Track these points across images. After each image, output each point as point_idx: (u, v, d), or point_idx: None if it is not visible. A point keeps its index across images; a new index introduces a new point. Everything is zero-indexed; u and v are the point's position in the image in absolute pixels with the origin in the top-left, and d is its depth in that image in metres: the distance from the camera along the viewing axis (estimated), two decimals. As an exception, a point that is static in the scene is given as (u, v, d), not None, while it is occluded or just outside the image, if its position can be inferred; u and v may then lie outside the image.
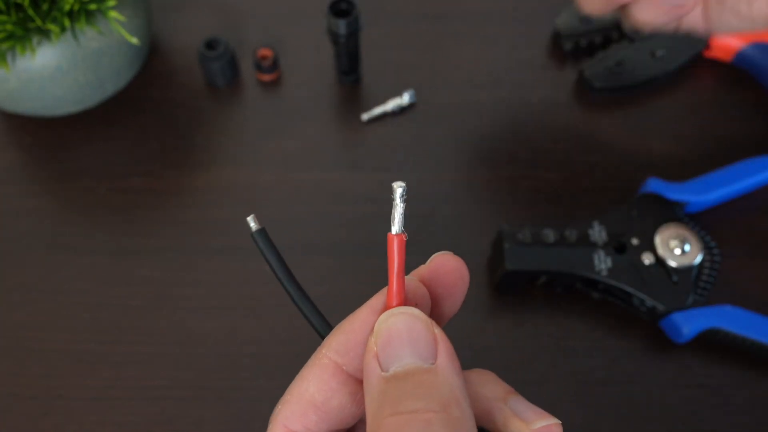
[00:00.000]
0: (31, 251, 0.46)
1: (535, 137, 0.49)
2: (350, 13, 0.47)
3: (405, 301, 0.21)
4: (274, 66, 0.51)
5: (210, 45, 0.50)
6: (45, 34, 0.43)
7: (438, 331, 0.20)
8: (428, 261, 0.23)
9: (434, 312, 0.23)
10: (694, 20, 0.38)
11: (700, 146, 0.49)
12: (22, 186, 0.48)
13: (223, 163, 0.49)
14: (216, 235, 0.46)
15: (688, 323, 0.40)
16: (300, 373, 0.22)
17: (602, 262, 0.41)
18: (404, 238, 0.21)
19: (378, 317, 0.21)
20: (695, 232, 0.42)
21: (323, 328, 0.24)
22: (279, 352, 0.42)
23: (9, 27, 0.41)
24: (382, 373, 0.20)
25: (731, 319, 0.40)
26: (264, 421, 0.41)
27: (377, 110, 0.49)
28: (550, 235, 0.41)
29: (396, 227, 0.21)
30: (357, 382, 0.22)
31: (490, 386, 0.23)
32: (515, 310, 0.43)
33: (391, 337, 0.20)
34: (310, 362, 0.22)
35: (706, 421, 0.40)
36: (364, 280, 0.44)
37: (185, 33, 0.54)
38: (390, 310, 0.21)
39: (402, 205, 0.21)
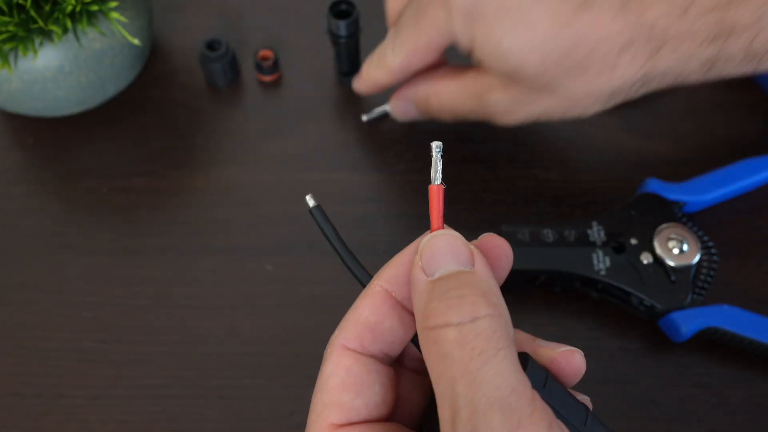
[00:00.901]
0: (32, 251, 0.46)
1: (534, 137, 0.49)
2: (350, 14, 0.47)
3: None
4: (275, 67, 0.51)
5: (211, 46, 0.50)
6: (47, 35, 0.43)
7: (473, 247, 0.24)
8: (479, 238, 0.26)
9: None
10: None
11: (699, 146, 0.49)
12: (23, 186, 0.48)
13: (223, 164, 0.49)
14: (217, 234, 0.46)
15: (687, 322, 0.40)
16: (354, 304, 0.26)
17: (601, 262, 0.41)
18: (443, 188, 0.25)
19: None
20: (693, 232, 0.42)
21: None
22: (279, 352, 0.42)
23: (11, 28, 0.41)
24: (428, 279, 0.23)
25: (729, 319, 0.40)
26: (264, 420, 0.41)
27: (377, 110, 0.50)
28: (549, 234, 0.42)
29: (437, 180, 0.25)
30: (404, 308, 0.25)
31: (519, 334, 0.27)
32: (514, 310, 0.43)
33: (434, 251, 0.24)
34: (362, 294, 0.26)
35: (705, 420, 0.40)
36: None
37: (186, 34, 0.54)
38: (432, 233, 0.24)
39: (440, 161, 0.25)
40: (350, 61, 0.50)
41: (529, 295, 0.44)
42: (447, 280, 0.23)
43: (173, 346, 0.43)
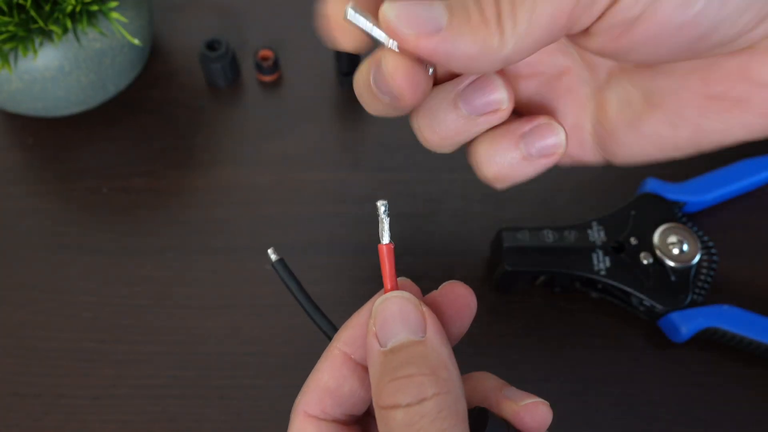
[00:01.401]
0: (32, 251, 0.46)
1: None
2: (350, 14, 0.47)
3: None
4: (275, 67, 0.51)
5: (211, 46, 0.50)
6: (47, 35, 0.43)
7: (426, 309, 0.24)
8: (440, 287, 0.26)
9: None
10: (571, 154, 0.28)
11: (699, 147, 0.49)
12: (24, 186, 0.48)
13: (223, 163, 0.49)
14: (217, 234, 0.46)
15: (686, 323, 0.40)
16: (315, 367, 0.26)
17: (601, 262, 0.41)
18: (392, 246, 0.25)
19: None
20: (693, 232, 0.42)
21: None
22: (279, 352, 0.42)
23: (11, 28, 0.41)
24: (381, 349, 0.23)
25: (729, 319, 0.40)
26: (264, 420, 0.41)
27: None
28: (549, 235, 0.42)
29: (385, 239, 0.25)
30: (364, 369, 0.25)
31: (488, 381, 0.27)
32: (514, 310, 0.44)
33: (386, 317, 0.24)
34: (323, 357, 0.26)
35: (704, 419, 0.40)
36: (364, 279, 0.44)
37: (186, 34, 0.54)
38: (384, 295, 0.24)
39: (387, 219, 0.25)
40: (350, 61, 0.50)
41: (528, 295, 0.44)
42: (398, 353, 0.23)
43: (173, 346, 0.43)
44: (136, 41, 0.45)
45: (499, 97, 0.24)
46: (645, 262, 0.41)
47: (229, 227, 0.47)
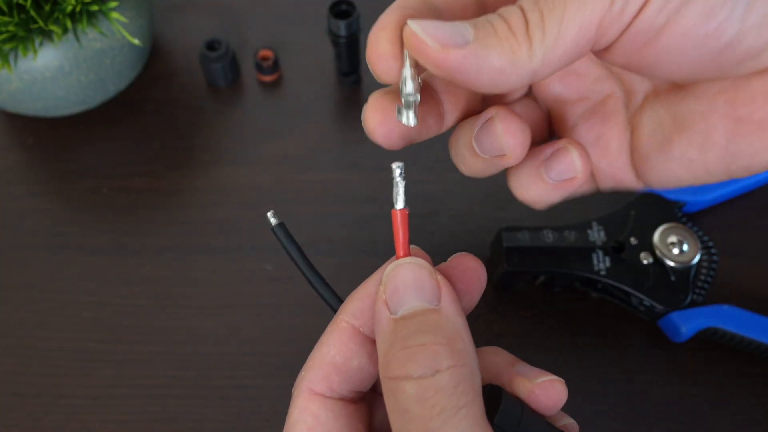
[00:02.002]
0: (32, 251, 0.46)
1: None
2: (350, 14, 0.47)
3: None
4: (275, 67, 0.51)
5: (211, 46, 0.50)
6: (47, 35, 0.43)
7: (441, 278, 0.22)
8: (449, 259, 0.25)
9: None
10: (615, 177, 0.28)
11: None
12: (24, 186, 0.48)
13: (223, 164, 0.49)
14: (217, 234, 0.46)
15: (686, 322, 0.40)
16: (319, 341, 0.24)
17: (601, 262, 0.41)
18: (407, 212, 0.23)
19: None
20: (693, 232, 0.42)
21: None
22: (279, 352, 0.42)
23: (11, 28, 0.41)
24: (392, 316, 0.22)
25: (729, 319, 0.40)
26: (264, 420, 0.41)
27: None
28: (549, 235, 0.42)
29: (399, 204, 0.23)
30: (373, 343, 0.24)
31: (499, 356, 0.25)
32: (514, 310, 0.44)
33: (398, 284, 0.22)
34: (328, 330, 0.24)
35: (704, 419, 0.40)
36: (365, 280, 0.44)
37: (186, 34, 0.54)
38: (396, 261, 0.23)
39: (402, 182, 0.23)
40: (350, 61, 0.50)
41: (528, 295, 0.44)
42: (410, 321, 0.21)
43: (173, 346, 0.43)
44: (136, 41, 0.45)
45: (576, 167, 0.26)
46: (645, 262, 0.41)
47: (229, 227, 0.47)
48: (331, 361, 0.24)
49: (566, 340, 0.43)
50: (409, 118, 0.22)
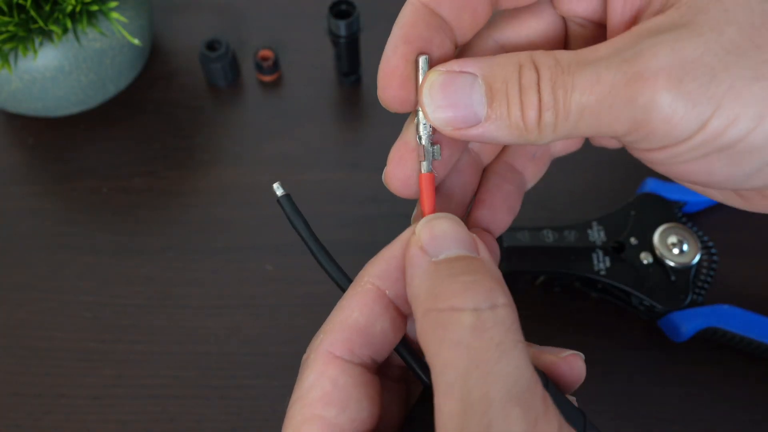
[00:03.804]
0: (33, 251, 0.46)
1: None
2: (350, 14, 0.47)
3: None
4: (275, 67, 0.51)
5: (211, 46, 0.50)
6: (47, 35, 0.43)
7: (476, 237, 0.22)
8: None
9: None
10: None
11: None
12: (24, 186, 0.48)
13: (224, 164, 0.49)
14: (217, 234, 0.46)
15: (686, 322, 0.40)
16: (339, 304, 0.23)
17: (601, 262, 0.41)
18: (432, 176, 0.23)
19: None
20: (693, 232, 0.42)
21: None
22: (279, 352, 0.42)
23: (11, 28, 0.41)
24: (432, 259, 0.21)
25: (729, 319, 0.40)
26: (264, 420, 0.41)
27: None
28: (549, 235, 0.42)
29: (424, 168, 0.24)
30: (397, 309, 0.23)
31: None
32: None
33: (436, 233, 0.21)
34: (349, 292, 0.23)
35: (704, 419, 0.40)
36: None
37: (186, 34, 0.54)
38: (431, 215, 0.22)
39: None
40: (350, 61, 0.50)
41: (528, 295, 0.44)
42: (455, 262, 0.20)
43: (173, 345, 0.43)
44: (136, 41, 0.45)
45: None
46: (645, 262, 0.41)
47: (229, 227, 0.47)
48: (353, 324, 0.22)
49: (566, 340, 0.43)
50: (430, 167, 0.24)
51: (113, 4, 0.43)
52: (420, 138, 0.23)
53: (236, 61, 0.51)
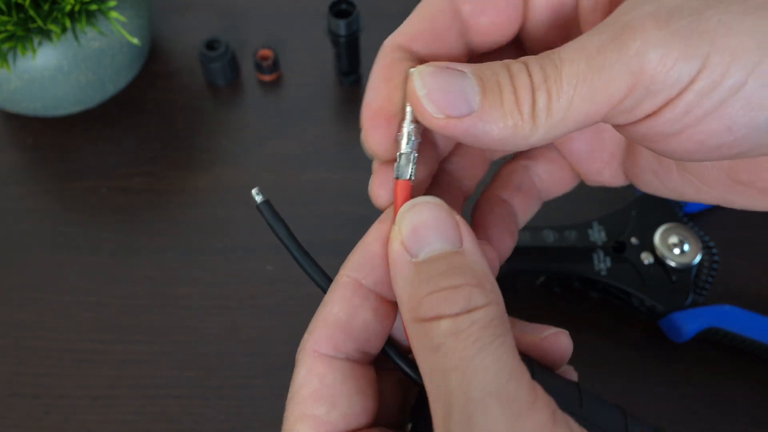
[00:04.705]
0: (32, 251, 0.46)
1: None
2: (350, 14, 0.47)
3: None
4: (275, 66, 0.51)
5: (210, 45, 0.50)
6: (46, 34, 0.43)
7: (459, 218, 0.21)
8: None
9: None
10: (600, 180, 0.30)
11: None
12: (23, 186, 0.48)
13: (223, 163, 0.49)
14: (217, 234, 0.46)
15: (687, 323, 0.40)
16: (322, 301, 0.23)
17: (601, 262, 0.41)
18: (410, 185, 0.22)
19: (389, 229, 0.22)
20: (694, 232, 0.42)
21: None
22: (279, 352, 0.42)
23: (10, 27, 0.41)
24: (413, 259, 0.20)
25: (730, 319, 0.40)
26: (264, 420, 0.41)
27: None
28: (549, 235, 0.42)
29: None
30: (377, 297, 0.23)
31: None
32: (513, 310, 0.43)
33: (416, 224, 0.21)
34: (330, 288, 0.23)
35: (705, 420, 0.40)
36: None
37: (186, 33, 0.54)
38: (411, 201, 0.22)
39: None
40: (350, 61, 0.50)
41: (528, 295, 0.44)
42: (435, 263, 0.20)
43: (173, 345, 0.43)
44: (135, 40, 0.45)
45: None
46: (646, 262, 0.41)
47: (229, 227, 0.46)
48: (334, 319, 0.22)
49: (567, 340, 0.43)
50: (410, 173, 0.22)
51: (112, 4, 0.43)
52: (404, 141, 0.22)
53: (236, 61, 0.51)
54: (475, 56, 0.25)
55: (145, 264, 0.45)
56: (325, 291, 0.24)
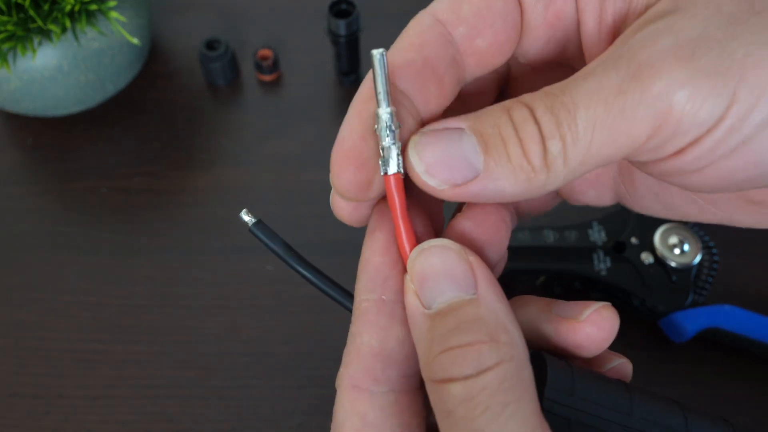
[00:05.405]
0: (32, 251, 0.46)
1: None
2: (350, 14, 0.47)
3: (417, 239, 0.21)
4: (275, 66, 0.51)
5: (210, 45, 0.50)
6: (46, 34, 0.43)
7: (473, 258, 0.20)
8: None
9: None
10: (597, 200, 0.27)
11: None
12: (23, 186, 0.48)
13: (223, 163, 0.49)
14: (216, 234, 0.46)
15: (688, 323, 0.40)
16: (349, 334, 0.22)
17: (602, 262, 0.41)
18: (401, 177, 0.20)
19: (383, 238, 0.21)
20: (694, 232, 0.42)
21: (346, 299, 0.23)
22: (279, 352, 0.42)
23: (10, 27, 0.41)
24: (426, 311, 0.20)
25: (730, 319, 0.40)
26: (264, 420, 0.41)
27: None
28: (549, 235, 0.42)
29: (392, 167, 0.20)
30: (403, 308, 0.21)
31: (532, 305, 0.23)
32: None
33: (427, 273, 0.20)
34: (353, 319, 0.22)
35: (705, 420, 0.40)
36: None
37: (186, 33, 0.54)
38: (420, 246, 0.20)
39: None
40: (350, 61, 0.50)
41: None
42: (447, 317, 0.19)
43: (173, 345, 0.43)
44: (135, 40, 0.45)
45: None
46: (646, 262, 0.41)
47: (229, 227, 0.46)
48: (367, 349, 0.21)
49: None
50: (398, 167, 0.20)
51: (112, 4, 0.43)
52: (383, 134, 0.20)
53: (236, 61, 0.51)
54: (468, 83, 0.23)
55: (145, 264, 0.45)
56: (333, 298, 0.23)
